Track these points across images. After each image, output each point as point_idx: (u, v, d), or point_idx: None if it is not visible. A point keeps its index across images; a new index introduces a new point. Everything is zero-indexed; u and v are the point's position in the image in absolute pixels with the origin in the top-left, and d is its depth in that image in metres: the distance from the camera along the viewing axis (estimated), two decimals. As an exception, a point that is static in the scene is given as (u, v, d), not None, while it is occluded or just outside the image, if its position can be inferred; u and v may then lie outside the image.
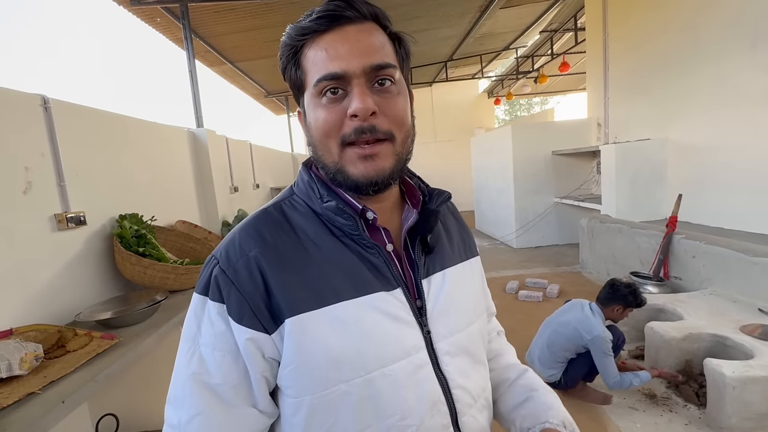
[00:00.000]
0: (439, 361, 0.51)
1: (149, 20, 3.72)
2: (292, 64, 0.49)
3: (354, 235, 0.49)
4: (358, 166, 0.47)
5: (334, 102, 0.46)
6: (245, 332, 0.44)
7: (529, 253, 5.42)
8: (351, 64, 0.45)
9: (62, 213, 1.72)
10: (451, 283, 0.55)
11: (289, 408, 0.47)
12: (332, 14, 0.45)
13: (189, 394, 0.45)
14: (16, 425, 0.98)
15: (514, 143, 5.66)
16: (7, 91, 1.54)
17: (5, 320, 1.42)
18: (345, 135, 0.46)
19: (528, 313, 3.26)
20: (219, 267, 0.47)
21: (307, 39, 0.47)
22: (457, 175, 10.64)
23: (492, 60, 8.99)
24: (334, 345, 0.45)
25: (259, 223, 0.50)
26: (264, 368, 0.46)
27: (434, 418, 0.49)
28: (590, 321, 1.99)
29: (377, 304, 0.48)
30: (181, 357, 0.47)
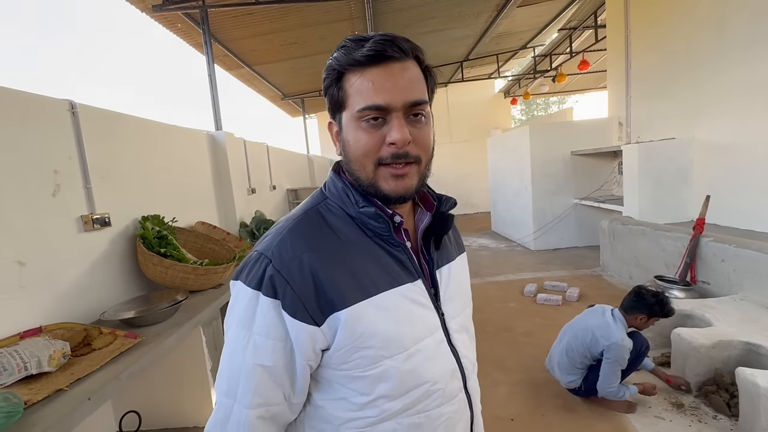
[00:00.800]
0: (451, 337, 0.61)
1: (170, 26, 3.82)
2: (336, 86, 0.55)
3: (384, 235, 0.57)
4: (390, 183, 0.55)
5: (374, 128, 0.53)
6: (298, 326, 0.51)
7: (547, 256, 5.31)
8: (393, 99, 0.52)
9: (88, 214, 1.77)
10: (454, 274, 0.66)
11: (342, 378, 0.55)
12: (381, 54, 0.51)
13: (246, 374, 0.52)
14: (45, 421, 1.01)
15: (532, 143, 5.56)
16: (37, 97, 1.60)
17: (35, 318, 1.47)
18: (382, 157, 0.54)
19: (547, 317, 3.19)
20: (273, 266, 0.52)
21: (353, 68, 0.53)
22: (472, 176, 10.54)
23: (508, 59, 8.88)
24: (383, 328, 0.53)
25: (304, 225, 0.57)
26: (310, 357, 0.54)
27: (453, 382, 0.60)
28: (610, 327, 1.92)
29: (406, 293, 0.57)
30: (238, 342, 0.53)
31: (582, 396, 2.08)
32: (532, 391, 2.22)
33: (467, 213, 10.63)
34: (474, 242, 6.69)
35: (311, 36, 4.99)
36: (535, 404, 2.12)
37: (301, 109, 8.40)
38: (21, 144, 1.49)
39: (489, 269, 4.86)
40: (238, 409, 0.53)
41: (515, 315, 3.31)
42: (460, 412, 0.61)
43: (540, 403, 2.12)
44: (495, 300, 3.71)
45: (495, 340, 2.85)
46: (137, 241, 1.99)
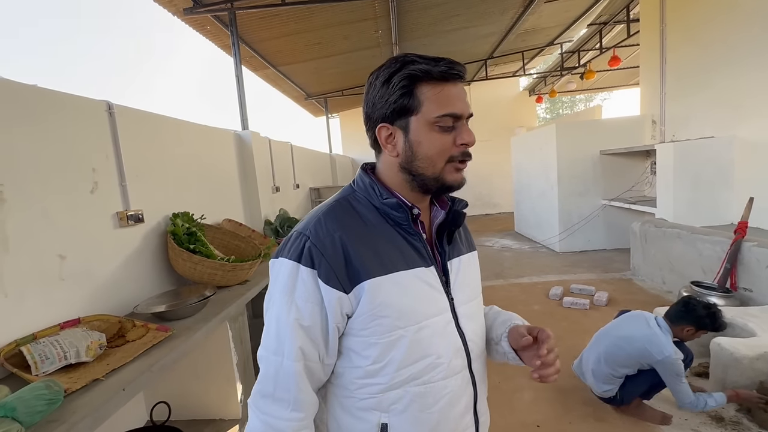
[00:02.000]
0: (459, 321, 0.69)
1: (200, 28, 3.93)
2: (407, 93, 0.63)
3: (403, 224, 0.66)
4: (454, 175, 0.66)
5: (446, 131, 0.63)
6: (330, 291, 0.60)
7: (573, 258, 5.15)
8: (464, 110, 0.64)
9: (123, 211, 1.84)
10: (464, 266, 0.74)
11: (359, 345, 0.64)
12: (455, 73, 0.63)
13: (290, 332, 0.61)
14: (83, 409, 1.05)
15: (559, 142, 5.40)
16: (78, 98, 1.67)
17: (74, 309, 1.54)
18: (453, 156, 0.64)
19: (573, 321, 3.09)
20: (311, 242, 0.62)
21: (426, 80, 0.62)
22: (495, 175, 10.34)
23: (534, 56, 8.65)
24: (398, 301, 0.62)
25: (337, 210, 0.66)
26: (339, 320, 0.62)
27: (457, 360, 0.67)
28: (660, 339, 1.80)
29: (420, 275, 0.65)
30: (281, 307, 0.62)
31: (616, 405, 1.99)
32: (559, 398, 2.16)
33: (489, 213, 10.45)
34: (496, 243, 6.57)
35: (335, 36, 5.03)
36: (562, 411, 2.05)
37: (324, 109, 8.47)
38: (63, 143, 1.56)
39: (512, 271, 4.76)
40: (287, 363, 0.61)
41: (540, 318, 3.22)
42: (462, 388, 0.68)
43: (567, 410, 2.06)
44: (518, 302, 3.63)
45: (519, 344, 2.78)
46: (168, 237, 2.05)
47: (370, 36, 5.32)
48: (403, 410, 0.64)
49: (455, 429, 0.68)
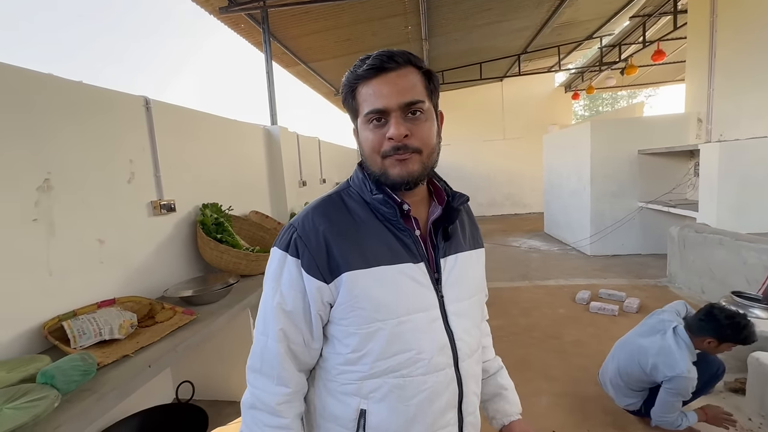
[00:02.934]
0: (448, 318, 0.68)
1: (235, 26, 4.07)
2: (350, 97, 0.67)
3: (393, 220, 0.66)
4: (395, 169, 0.64)
5: (378, 128, 0.64)
6: (311, 280, 0.63)
7: (604, 262, 4.94)
8: (390, 102, 0.62)
9: (157, 200, 1.96)
10: (461, 264, 0.72)
11: (341, 333, 0.66)
12: (378, 66, 0.63)
13: (273, 315, 0.65)
14: (112, 382, 1.14)
15: (593, 141, 5.17)
16: (118, 93, 1.79)
17: (110, 290, 1.66)
18: (384, 151, 0.64)
19: (600, 327, 2.98)
20: (297, 233, 0.66)
21: (360, 82, 0.65)
22: (525, 174, 10.06)
23: (571, 51, 8.30)
24: (375, 295, 0.63)
25: (326, 205, 0.69)
26: (320, 308, 0.65)
27: (441, 357, 0.67)
28: (673, 354, 1.67)
29: (406, 270, 0.65)
30: (268, 293, 0.67)
31: (641, 417, 1.91)
32: (578, 404, 2.09)
33: (519, 213, 10.19)
34: (524, 243, 6.41)
35: (364, 32, 5.05)
36: (580, 418, 1.99)
37: (352, 105, 8.53)
38: (104, 136, 1.68)
39: (538, 272, 4.63)
40: (270, 343, 0.65)
41: (565, 322, 3.12)
42: (444, 385, 0.68)
43: (586, 417, 1.99)
44: (543, 305, 3.53)
45: (541, 347, 2.71)
46: (197, 226, 2.16)
47: (400, 32, 5.30)
48: (381, 399, 0.65)
49: (434, 424, 0.68)
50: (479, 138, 10.27)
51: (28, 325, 1.32)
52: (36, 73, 1.42)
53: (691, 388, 1.65)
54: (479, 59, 7.48)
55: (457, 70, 7.84)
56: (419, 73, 0.65)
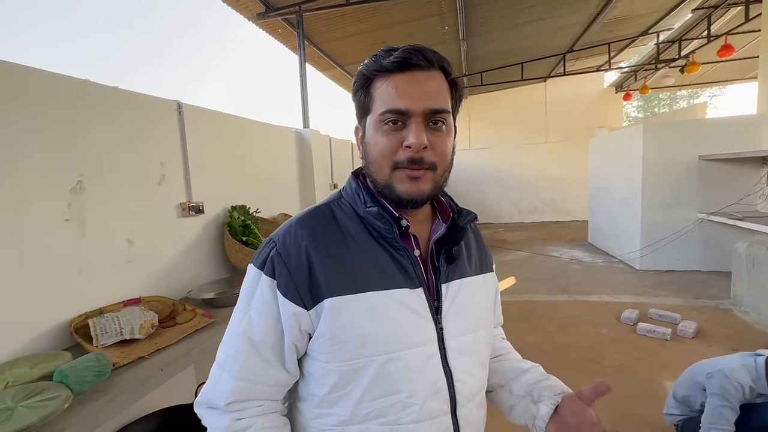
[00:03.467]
0: (448, 355, 0.58)
1: (272, 31, 4.16)
2: (363, 91, 0.58)
3: (388, 237, 0.58)
4: (405, 185, 0.56)
5: (393, 131, 0.55)
6: (288, 304, 0.54)
7: (656, 278, 4.51)
8: (414, 104, 0.54)
9: (186, 202, 2.00)
10: (465, 291, 0.63)
11: (318, 371, 0.57)
12: (407, 61, 0.54)
13: (237, 343, 0.56)
14: (125, 384, 1.15)
15: (646, 145, 4.75)
16: (151, 98, 1.85)
17: (137, 289, 1.70)
18: (398, 161, 0.55)
19: (648, 352, 2.69)
20: (276, 249, 0.57)
21: (380, 74, 0.56)
22: (569, 180, 9.53)
23: (623, 48, 7.75)
24: (362, 326, 0.54)
25: (312, 217, 0.60)
26: (297, 338, 0.56)
27: (435, 402, 0.57)
28: (733, 361, 1.52)
29: (401, 298, 0.56)
30: (236, 315, 0.58)
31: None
32: (620, 439, 1.88)
33: (561, 221, 9.67)
34: (565, 253, 6.04)
35: (400, 34, 4.99)
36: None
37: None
38: (137, 139, 1.73)
39: (579, 286, 4.32)
40: (224, 378, 0.56)
41: (606, 344, 2.86)
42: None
43: (629, 455, 1.79)
44: (583, 323, 3.27)
45: (577, 370, 2.49)
46: (224, 228, 2.19)
47: (436, 32, 5.19)
48: None
49: None
50: (520, 141, 9.88)
51: (56, 321, 1.37)
52: (74, 78, 1.49)
53: (734, 392, 1.47)
54: (521, 59, 7.18)
55: (496, 71, 7.58)
56: (446, 81, 0.58)
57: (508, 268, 5.31)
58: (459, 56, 6.55)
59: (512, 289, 4.33)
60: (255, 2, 3.47)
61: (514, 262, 5.63)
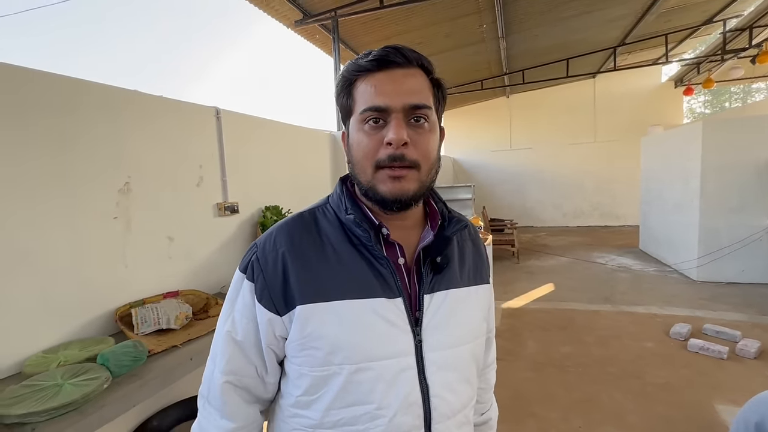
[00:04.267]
0: (426, 369, 0.56)
1: (310, 37, 4.30)
2: (345, 93, 0.58)
3: (368, 245, 0.57)
4: (387, 185, 0.55)
5: (374, 130, 0.55)
6: (263, 311, 0.56)
7: (715, 290, 4.10)
8: (393, 101, 0.53)
9: (222, 202, 2.13)
10: (451, 303, 0.60)
11: (293, 373, 0.58)
12: (384, 59, 0.55)
13: (222, 343, 0.59)
14: (157, 370, 1.25)
15: (706, 144, 4.33)
16: (192, 105, 1.98)
17: (175, 283, 1.84)
18: (380, 159, 0.54)
19: (700, 371, 2.45)
20: (256, 255, 0.59)
21: (360, 75, 0.56)
22: (619, 182, 8.93)
23: (684, 39, 7.12)
24: (331, 334, 0.54)
25: (293, 224, 0.61)
26: (271, 342, 0.58)
27: (406, 417, 0.55)
28: None
29: (376, 308, 0.55)
30: (222, 315, 0.61)
31: None
32: (659, 464, 1.74)
33: (609, 225, 9.09)
34: (612, 260, 5.66)
35: (436, 34, 4.95)
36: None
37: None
38: (178, 143, 1.87)
39: (625, 296, 4.03)
40: (216, 375, 0.59)
41: (651, 359, 2.65)
42: None
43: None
44: (626, 335, 3.05)
45: (616, 386, 2.33)
46: (257, 227, 2.30)
47: (474, 31, 5.09)
48: None
49: None
50: (564, 141, 9.41)
51: (104, 310, 1.51)
52: (124, 89, 1.64)
53: None
54: (565, 55, 6.83)
55: (539, 68, 7.28)
56: (428, 79, 0.58)
57: (547, 274, 5.08)
58: (498, 54, 6.37)
59: (549, 297, 4.14)
60: (293, 10, 3.60)
61: (554, 268, 5.37)
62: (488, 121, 10.00)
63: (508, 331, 3.23)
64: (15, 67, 1.28)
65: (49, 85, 1.36)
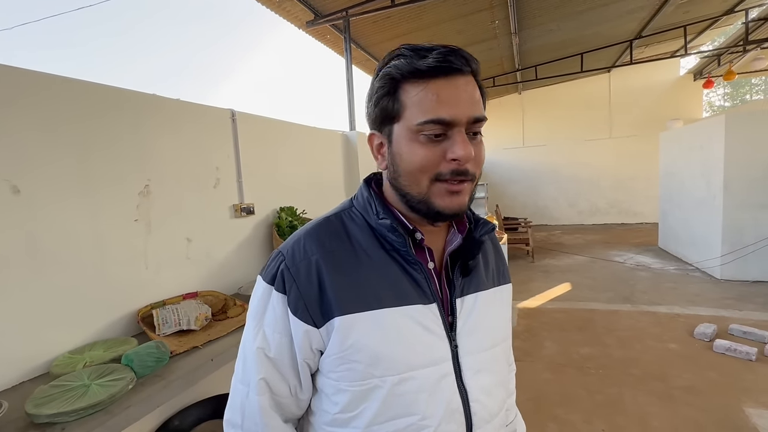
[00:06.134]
0: (463, 374, 0.56)
1: (321, 38, 4.31)
2: (390, 96, 0.53)
3: (401, 250, 0.55)
4: (445, 199, 0.53)
5: (434, 142, 0.51)
6: (298, 323, 0.53)
7: (740, 289, 3.97)
8: (459, 113, 0.50)
9: (238, 204, 2.14)
10: (482, 305, 0.60)
11: (330, 389, 0.55)
12: (448, 66, 0.49)
13: (254, 361, 0.55)
14: (179, 371, 1.25)
15: (729, 138, 4.20)
16: (208, 108, 2.00)
17: (194, 284, 1.85)
18: (441, 173, 0.51)
19: (726, 373, 2.37)
20: (285, 264, 0.55)
21: (414, 79, 0.51)
22: (637, 178, 8.74)
23: (703, 31, 6.91)
24: (373, 345, 0.52)
25: (322, 230, 0.58)
26: (308, 356, 0.55)
27: (450, 425, 0.54)
28: None
29: (414, 314, 0.54)
30: (249, 332, 0.57)
31: None
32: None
33: (627, 223, 8.90)
34: (630, 259, 5.54)
35: (448, 32, 4.91)
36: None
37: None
38: (195, 146, 1.89)
39: (646, 295, 3.93)
40: (252, 396, 0.56)
41: (675, 361, 2.57)
42: None
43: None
44: (648, 336, 2.97)
45: (639, 388, 2.27)
46: (273, 228, 2.31)
47: (486, 27, 5.03)
48: None
49: None
50: (579, 137, 9.25)
51: (126, 311, 1.54)
52: (142, 93, 1.66)
53: None
54: (580, 49, 6.70)
55: (552, 64, 7.16)
56: (477, 85, 0.54)
57: (563, 273, 5.00)
58: (511, 50, 6.28)
59: (567, 296, 4.07)
60: (304, 11, 3.61)
61: (571, 267, 5.28)
62: (500, 118, 9.90)
63: (525, 332, 3.18)
64: (42, 74, 1.31)
65: (74, 91, 1.38)
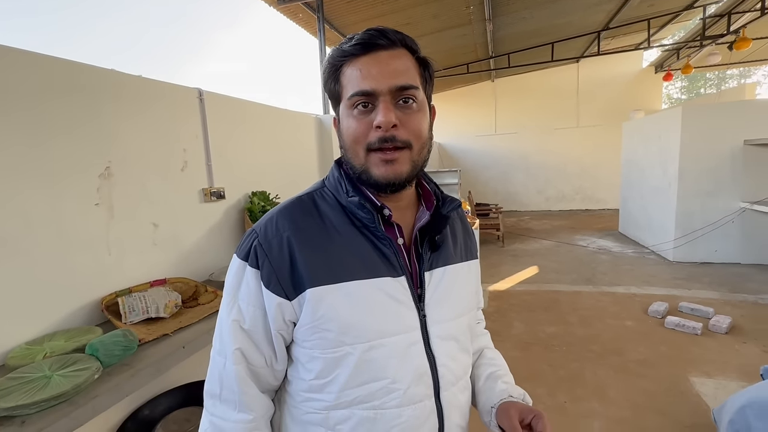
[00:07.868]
0: (431, 341, 0.60)
1: (293, 16, 4.15)
2: (333, 79, 0.59)
3: (371, 227, 0.58)
4: (380, 168, 0.56)
5: (363, 114, 0.55)
6: (271, 296, 0.56)
7: (690, 270, 4.29)
8: (379, 84, 0.54)
9: (208, 188, 2.07)
10: (449, 278, 0.64)
11: (304, 357, 0.59)
12: (367, 42, 0.55)
13: (230, 333, 0.58)
14: (149, 359, 1.22)
15: (684, 129, 4.46)
16: (173, 86, 1.90)
17: (162, 270, 1.79)
18: (370, 143, 0.55)
19: (676, 347, 2.58)
20: (258, 241, 0.58)
21: (346, 60, 0.57)
22: (601, 166, 9.12)
23: (665, 25, 7.21)
24: (343, 315, 0.55)
25: (294, 208, 0.61)
26: (281, 327, 0.58)
27: (419, 387, 0.58)
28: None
29: (383, 286, 0.57)
30: (225, 306, 0.60)
31: None
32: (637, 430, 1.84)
33: (590, 209, 9.32)
34: (593, 243, 5.83)
35: (424, 15, 4.85)
36: (640, 450, 1.75)
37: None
38: (160, 126, 1.79)
39: (606, 277, 4.18)
40: (228, 366, 0.58)
41: (631, 337, 2.77)
42: (422, 420, 0.59)
43: (647, 450, 1.74)
44: (607, 315, 3.17)
45: (599, 363, 2.43)
46: (245, 213, 2.25)
47: (461, 13, 5.01)
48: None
49: None
50: (549, 126, 9.51)
51: (89, 299, 1.46)
52: (100, 68, 1.55)
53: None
54: (551, 39, 6.83)
55: (524, 52, 7.26)
56: (414, 59, 0.58)
57: (531, 257, 5.20)
58: (485, 37, 6.31)
59: (534, 279, 4.25)
60: (276, -13, 3.46)
61: (538, 251, 5.50)
62: (473, 105, 10.00)
63: (495, 313, 3.31)
64: (-20, 42, 1.18)
65: (22, 64, 1.27)
